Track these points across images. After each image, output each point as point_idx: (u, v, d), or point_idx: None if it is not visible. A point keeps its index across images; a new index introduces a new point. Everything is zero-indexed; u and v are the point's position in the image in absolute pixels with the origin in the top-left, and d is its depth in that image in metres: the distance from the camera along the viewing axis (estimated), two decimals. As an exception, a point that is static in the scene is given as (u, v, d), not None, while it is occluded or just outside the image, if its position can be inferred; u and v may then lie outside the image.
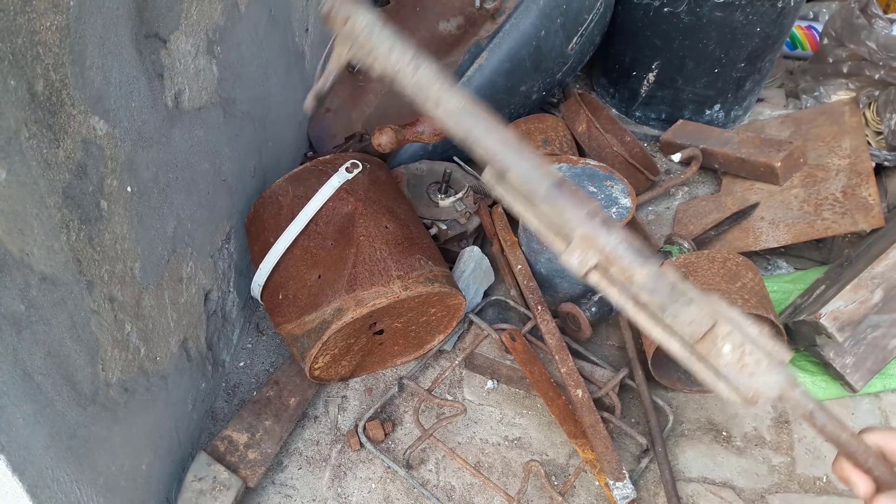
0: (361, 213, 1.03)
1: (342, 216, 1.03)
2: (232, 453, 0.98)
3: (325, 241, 1.02)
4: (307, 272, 1.01)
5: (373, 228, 1.02)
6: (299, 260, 1.02)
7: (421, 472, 1.03)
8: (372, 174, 1.10)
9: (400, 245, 1.02)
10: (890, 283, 1.07)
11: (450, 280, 1.05)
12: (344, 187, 1.05)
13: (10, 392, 0.59)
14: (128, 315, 0.78)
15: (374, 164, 1.13)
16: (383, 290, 0.96)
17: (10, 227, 0.57)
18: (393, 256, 1.00)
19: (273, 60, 1.17)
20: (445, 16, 1.44)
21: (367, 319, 1.00)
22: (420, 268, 1.01)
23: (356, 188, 1.06)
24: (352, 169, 1.07)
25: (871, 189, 1.27)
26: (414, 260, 1.01)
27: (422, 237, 1.08)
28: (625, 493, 0.95)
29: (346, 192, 1.05)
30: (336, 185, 1.04)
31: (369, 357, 1.11)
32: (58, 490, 0.67)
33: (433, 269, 1.03)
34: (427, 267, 1.02)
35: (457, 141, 0.47)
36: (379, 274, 0.98)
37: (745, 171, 1.39)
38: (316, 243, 1.02)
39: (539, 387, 1.07)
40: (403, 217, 1.08)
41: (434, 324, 1.11)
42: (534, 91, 1.43)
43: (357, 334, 1.02)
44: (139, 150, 0.77)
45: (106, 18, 0.67)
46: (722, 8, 1.40)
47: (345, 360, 1.07)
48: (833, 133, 1.42)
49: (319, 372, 1.05)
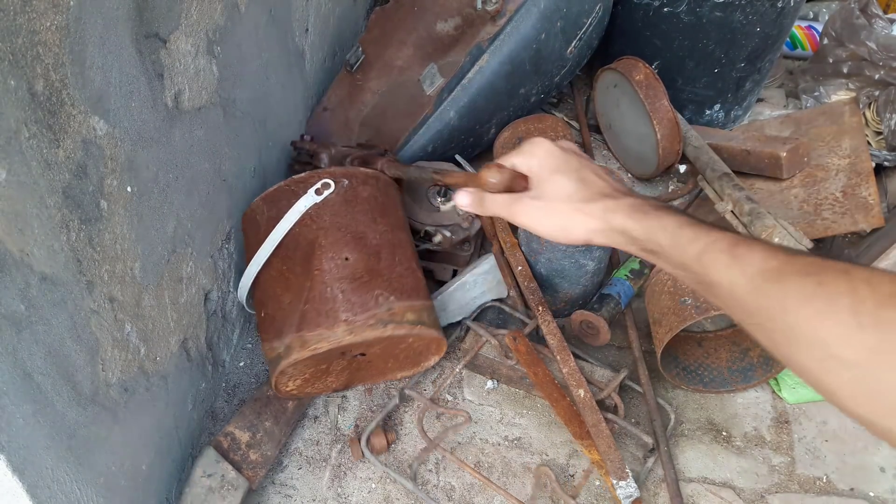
0: (321, 245, 0.97)
1: (307, 242, 0.98)
2: (235, 451, 0.98)
3: (294, 266, 0.98)
4: (282, 294, 0.98)
5: (330, 262, 0.96)
6: (276, 281, 0.99)
7: (421, 473, 1.03)
8: (349, 193, 1.03)
9: (358, 280, 0.96)
10: (890, 282, 1.07)
11: (418, 316, 0.98)
12: (310, 212, 0.99)
13: (10, 392, 0.59)
14: (128, 315, 0.78)
15: (357, 178, 1.05)
16: (326, 333, 0.92)
17: (10, 227, 0.57)
18: (346, 294, 0.94)
19: (273, 60, 1.17)
20: (443, 16, 1.43)
21: (322, 356, 0.95)
22: (375, 307, 0.94)
23: (322, 213, 1.00)
24: (322, 190, 1.00)
25: (870, 189, 1.27)
26: (370, 298, 0.95)
27: (393, 266, 1.00)
28: (628, 492, 0.95)
29: (311, 219, 0.99)
30: (301, 209, 0.99)
31: (361, 372, 1.07)
32: (58, 490, 0.67)
33: (393, 306, 0.95)
34: (385, 305, 0.95)
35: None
36: (325, 315, 0.93)
37: (748, 165, 1.39)
38: (288, 267, 0.98)
39: (543, 388, 1.07)
40: (375, 243, 1.01)
41: (421, 349, 1.05)
42: (532, 94, 1.44)
43: (326, 361, 0.98)
44: (139, 150, 0.77)
45: (106, 18, 0.67)
46: (722, 8, 1.40)
47: (328, 378, 1.04)
48: (833, 133, 1.42)
49: (296, 392, 1.03)
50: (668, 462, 1.02)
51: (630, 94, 1.43)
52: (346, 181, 1.03)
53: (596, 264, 1.15)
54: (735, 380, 1.15)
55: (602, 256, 1.16)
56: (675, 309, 1.06)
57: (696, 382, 1.14)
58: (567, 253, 1.11)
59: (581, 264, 1.13)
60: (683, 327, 1.03)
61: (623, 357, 1.20)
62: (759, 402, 1.14)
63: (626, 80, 1.42)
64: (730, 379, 1.15)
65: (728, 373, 1.16)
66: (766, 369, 1.13)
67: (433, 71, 1.39)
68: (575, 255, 1.12)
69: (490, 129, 1.43)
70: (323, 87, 1.49)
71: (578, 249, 1.10)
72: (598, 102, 1.60)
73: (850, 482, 1.03)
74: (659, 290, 1.12)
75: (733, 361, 1.17)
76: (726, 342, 1.19)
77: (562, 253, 1.11)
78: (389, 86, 1.47)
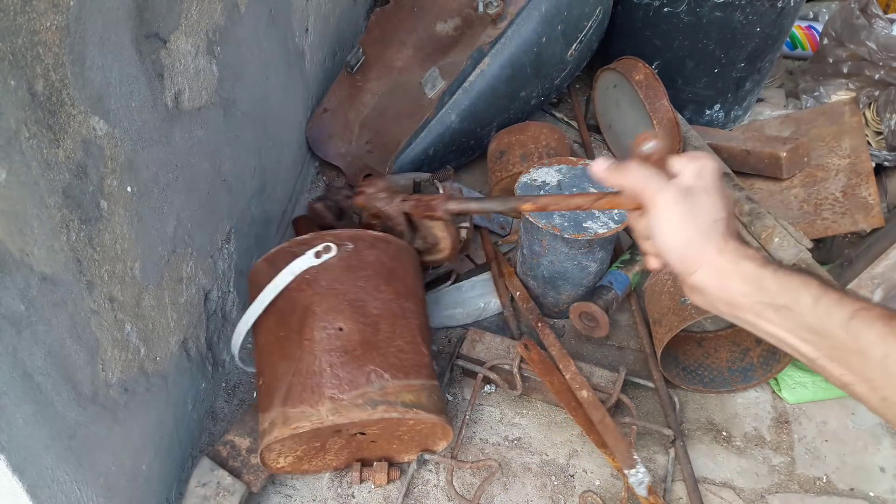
0: (313, 312, 0.90)
1: (301, 308, 0.91)
2: (234, 458, 0.98)
3: (290, 333, 0.91)
4: (278, 362, 0.91)
5: (322, 331, 0.89)
6: (273, 347, 0.93)
7: (421, 473, 1.03)
8: (352, 257, 0.95)
9: (350, 354, 0.87)
10: (890, 283, 1.07)
11: (416, 398, 0.88)
12: (307, 276, 0.92)
13: (10, 392, 0.59)
14: (128, 315, 0.78)
15: (364, 242, 0.97)
16: (309, 411, 0.84)
17: (10, 227, 0.57)
18: (334, 369, 0.86)
19: (273, 60, 1.17)
20: (443, 17, 1.43)
21: (309, 434, 0.87)
22: (366, 385, 0.86)
23: (320, 278, 0.92)
24: (322, 253, 0.93)
25: (870, 189, 1.27)
26: (361, 374, 0.86)
27: (392, 339, 0.91)
28: (639, 479, 0.96)
29: (307, 284, 0.92)
30: (296, 271, 0.92)
31: (363, 451, 0.99)
32: (58, 490, 0.67)
33: (387, 385, 0.87)
34: (378, 384, 0.86)
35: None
36: (311, 390, 0.85)
37: (748, 165, 1.39)
38: (284, 333, 0.92)
39: (561, 396, 1.06)
40: (375, 313, 0.92)
41: (426, 432, 0.95)
42: (533, 96, 1.44)
43: (318, 439, 0.91)
44: (139, 150, 0.77)
45: (106, 18, 0.67)
46: (722, 8, 1.40)
47: (326, 456, 0.97)
48: (833, 133, 1.42)
49: (290, 469, 0.97)
50: (683, 454, 1.03)
51: (630, 94, 1.43)
52: (351, 245, 0.96)
53: (598, 265, 1.15)
54: (735, 380, 1.15)
55: (604, 258, 1.16)
56: (674, 309, 1.06)
57: (696, 382, 1.14)
58: (569, 255, 1.11)
59: (583, 266, 1.13)
60: (684, 327, 1.03)
61: (624, 356, 1.20)
62: (759, 402, 1.14)
63: (626, 81, 1.42)
64: (730, 379, 1.15)
65: (728, 373, 1.16)
66: (767, 369, 1.13)
67: (434, 74, 1.39)
68: (577, 258, 1.12)
69: (491, 132, 1.43)
70: (323, 88, 1.49)
71: (581, 251, 1.10)
72: (598, 102, 1.60)
73: (850, 482, 1.03)
74: (659, 291, 1.12)
75: (733, 361, 1.17)
76: (726, 342, 1.19)
77: (564, 255, 1.11)
78: (389, 87, 1.47)
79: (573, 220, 1.07)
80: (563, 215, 1.08)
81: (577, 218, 1.07)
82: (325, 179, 1.51)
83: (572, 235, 1.05)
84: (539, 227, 1.07)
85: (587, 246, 1.09)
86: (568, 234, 1.05)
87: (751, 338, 1.17)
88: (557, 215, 1.08)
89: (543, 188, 1.13)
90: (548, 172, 1.15)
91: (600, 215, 1.08)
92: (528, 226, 1.12)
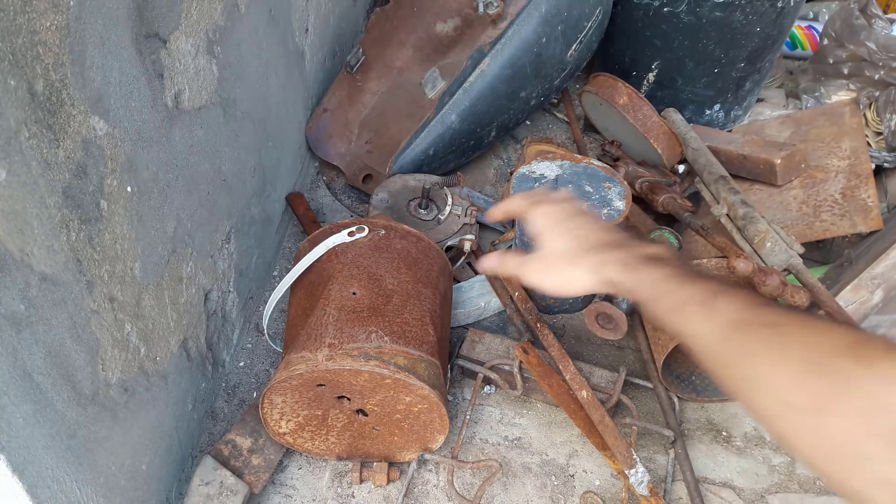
0: (335, 277, 0.97)
1: (327, 276, 0.99)
2: (236, 458, 0.98)
3: (314, 301, 0.97)
4: (300, 326, 0.96)
5: (336, 292, 0.95)
6: (299, 318, 0.99)
7: (421, 473, 1.03)
8: (381, 241, 1.03)
9: (356, 314, 0.92)
10: (890, 283, 1.07)
11: (410, 364, 0.90)
12: (336, 249, 1.02)
13: (10, 392, 0.59)
14: (128, 315, 0.78)
15: (397, 232, 1.05)
16: (308, 356, 0.88)
17: (10, 227, 0.57)
18: (338, 323, 0.91)
19: (273, 60, 1.17)
20: (443, 17, 1.43)
21: (306, 385, 0.91)
22: (364, 340, 0.89)
23: (348, 251, 1.01)
24: (356, 232, 1.03)
25: (870, 191, 1.27)
26: (362, 331, 0.90)
27: (401, 313, 0.95)
28: (639, 479, 0.96)
29: (335, 255, 1.01)
30: (330, 244, 1.02)
31: (365, 441, 1.00)
32: (58, 490, 0.67)
33: (385, 346, 0.90)
34: (375, 342, 0.89)
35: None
36: (314, 339, 0.90)
37: (745, 169, 1.39)
38: (309, 303, 0.98)
39: (560, 399, 1.06)
40: (391, 288, 0.97)
41: (424, 419, 0.96)
42: (532, 97, 1.44)
43: (317, 402, 0.94)
44: (139, 150, 0.77)
45: (106, 18, 0.67)
46: (722, 8, 1.40)
47: (329, 436, 0.99)
48: (833, 134, 1.42)
49: (291, 439, 0.99)
50: (683, 455, 1.04)
51: (619, 113, 1.43)
52: (383, 231, 1.04)
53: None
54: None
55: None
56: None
57: (689, 391, 1.14)
58: None
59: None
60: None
61: (624, 356, 1.20)
62: (758, 403, 1.14)
63: (610, 103, 1.43)
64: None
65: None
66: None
67: (435, 74, 1.39)
68: None
69: (491, 132, 1.43)
70: (323, 88, 1.49)
71: None
72: (590, 116, 1.61)
73: (849, 482, 1.03)
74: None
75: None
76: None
77: None
78: (389, 87, 1.47)
79: None
80: None
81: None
82: (324, 179, 1.51)
83: None
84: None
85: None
86: None
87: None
88: None
89: (540, 181, 1.13)
90: (548, 167, 1.16)
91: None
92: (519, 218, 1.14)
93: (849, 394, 0.45)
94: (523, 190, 1.12)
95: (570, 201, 0.72)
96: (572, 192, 0.92)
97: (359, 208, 1.45)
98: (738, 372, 0.52)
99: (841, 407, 0.45)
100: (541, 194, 0.75)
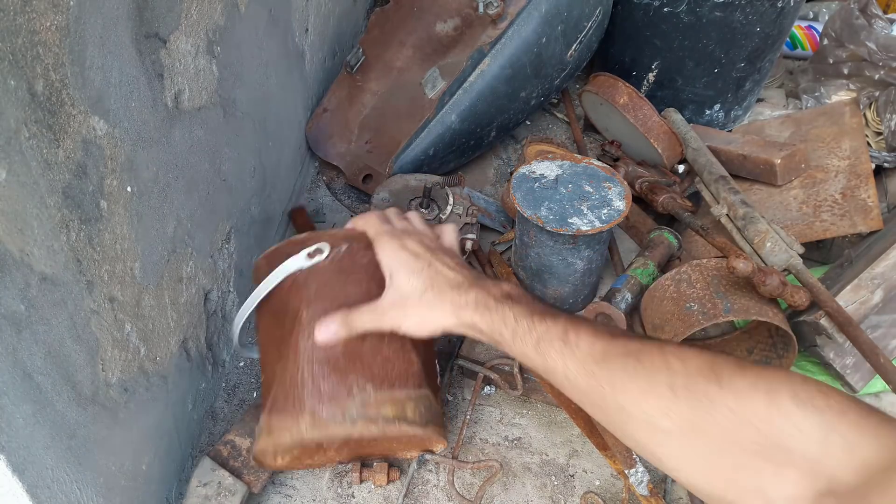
0: (300, 320, 0.86)
1: (293, 312, 0.88)
2: (235, 458, 0.98)
3: (285, 335, 0.88)
4: (274, 362, 0.89)
5: (307, 341, 0.85)
6: (270, 346, 0.91)
7: (421, 473, 1.03)
8: (345, 260, 0.89)
9: (333, 365, 0.84)
10: (890, 283, 1.07)
11: (398, 410, 0.85)
12: (298, 279, 0.88)
13: (10, 392, 0.59)
14: (128, 315, 0.78)
15: (361, 242, 0.90)
16: (290, 423, 0.83)
17: (10, 227, 0.57)
18: (316, 381, 0.83)
19: (273, 60, 1.17)
20: (442, 17, 1.43)
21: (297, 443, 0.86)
22: (347, 398, 0.82)
23: (310, 282, 0.88)
24: (314, 254, 0.88)
25: (870, 191, 1.27)
26: (342, 388, 0.83)
27: (379, 347, 0.86)
28: (639, 479, 0.97)
29: (296, 287, 0.88)
30: (288, 270, 0.88)
31: (364, 448, 0.97)
32: (58, 490, 0.67)
33: (368, 398, 0.83)
34: (359, 397, 0.82)
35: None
36: (293, 402, 0.83)
37: (745, 169, 1.39)
38: (280, 334, 0.89)
39: (560, 399, 1.06)
40: None
41: (417, 438, 0.93)
42: (532, 97, 1.44)
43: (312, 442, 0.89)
44: (139, 150, 0.77)
45: (106, 18, 0.67)
46: (722, 8, 1.40)
47: (327, 452, 0.95)
48: (833, 134, 1.42)
49: (289, 467, 0.96)
50: None
51: (619, 113, 1.43)
52: (346, 245, 0.90)
53: (585, 264, 1.15)
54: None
55: (592, 257, 1.16)
56: (679, 314, 1.06)
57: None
58: (554, 249, 1.12)
59: (569, 262, 1.14)
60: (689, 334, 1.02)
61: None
62: (758, 403, 1.13)
63: (610, 103, 1.43)
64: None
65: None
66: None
67: (435, 75, 1.39)
68: (563, 253, 1.12)
69: (491, 133, 1.43)
70: (323, 88, 1.49)
71: (566, 247, 1.11)
72: (590, 116, 1.61)
73: (849, 482, 1.03)
74: (660, 296, 1.12)
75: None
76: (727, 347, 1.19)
77: (549, 249, 1.12)
78: (389, 87, 1.47)
79: (559, 214, 1.08)
80: (550, 208, 1.08)
81: (562, 213, 1.08)
82: (324, 179, 1.51)
83: (554, 229, 1.06)
84: (526, 216, 1.08)
85: (571, 242, 1.10)
86: (551, 226, 1.06)
87: (744, 345, 1.17)
88: (544, 207, 1.09)
89: (540, 181, 1.13)
90: (548, 166, 1.16)
91: (587, 212, 1.08)
92: (520, 216, 1.13)
93: (713, 412, 0.46)
94: (523, 190, 1.12)
95: (416, 232, 0.73)
96: (418, 215, 0.89)
97: (359, 208, 1.45)
98: (608, 402, 0.53)
99: (707, 426, 0.47)
100: (393, 218, 0.75)
